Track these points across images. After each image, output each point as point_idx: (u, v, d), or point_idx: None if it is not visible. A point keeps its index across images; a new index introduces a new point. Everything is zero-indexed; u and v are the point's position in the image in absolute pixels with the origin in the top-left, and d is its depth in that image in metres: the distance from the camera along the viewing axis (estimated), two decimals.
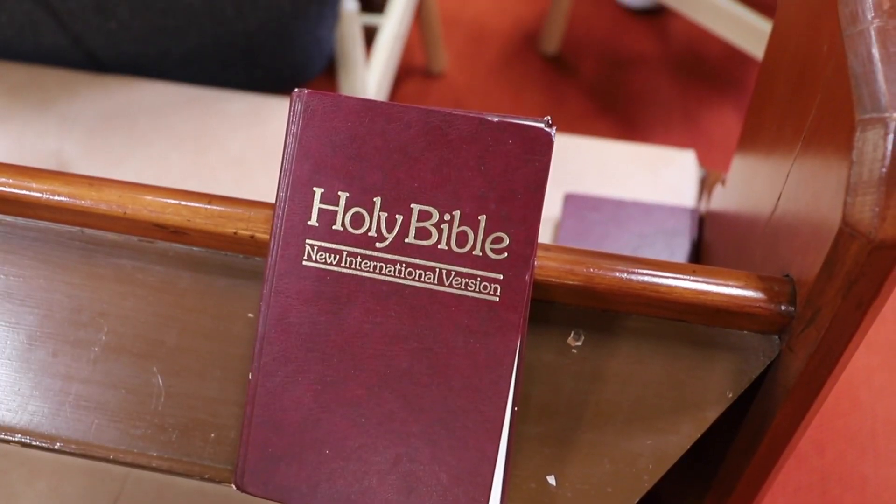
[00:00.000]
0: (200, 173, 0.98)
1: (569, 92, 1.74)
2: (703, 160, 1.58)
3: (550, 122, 0.44)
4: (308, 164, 0.45)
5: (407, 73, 1.77)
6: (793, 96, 0.55)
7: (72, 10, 0.97)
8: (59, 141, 1.02)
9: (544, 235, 0.90)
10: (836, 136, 0.43)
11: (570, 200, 0.89)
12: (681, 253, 0.85)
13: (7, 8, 0.98)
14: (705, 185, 0.95)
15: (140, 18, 0.99)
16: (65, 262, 0.54)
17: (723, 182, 0.80)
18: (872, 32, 0.42)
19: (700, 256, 0.87)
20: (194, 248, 0.52)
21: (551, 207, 0.90)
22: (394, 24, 1.36)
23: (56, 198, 0.52)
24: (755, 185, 0.67)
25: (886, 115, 0.39)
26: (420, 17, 1.64)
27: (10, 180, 0.52)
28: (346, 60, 1.16)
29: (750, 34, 1.44)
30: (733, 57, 1.79)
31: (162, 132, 1.02)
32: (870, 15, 0.43)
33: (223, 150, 1.00)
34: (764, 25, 1.42)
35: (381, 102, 0.44)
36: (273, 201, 0.46)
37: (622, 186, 0.94)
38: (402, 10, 1.39)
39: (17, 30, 1.03)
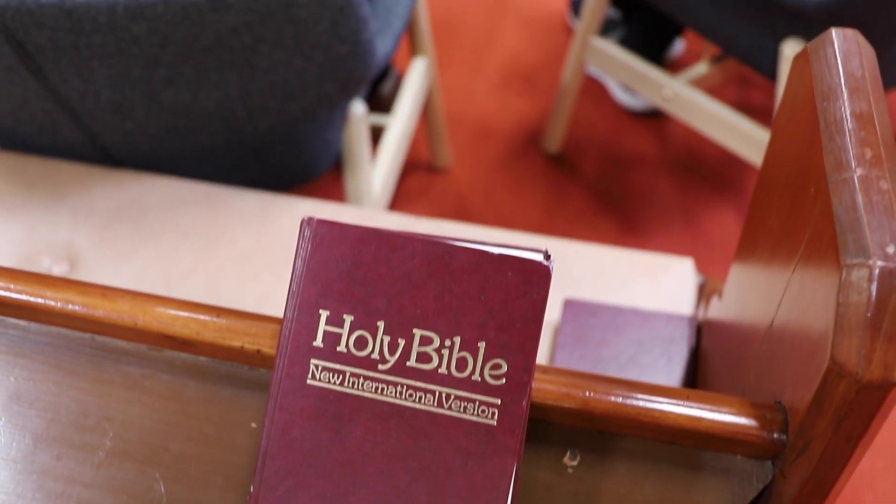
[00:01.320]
0: (207, 269, 1.00)
1: (570, 190, 1.78)
2: (701, 261, 1.61)
3: (548, 253, 0.46)
4: (315, 287, 0.46)
5: (412, 167, 1.81)
6: (785, 226, 0.57)
7: (91, 110, 1.00)
8: (71, 232, 1.04)
9: (544, 340, 0.91)
10: (823, 274, 0.45)
11: (570, 306, 0.91)
12: (678, 361, 0.87)
13: (29, 107, 1.02)
14: (703, 293, 0.97)
15: (155, 119, 1.02)
16: (74, 367, 0.56)
17: (719, 295, 0.82)
18: (856, 181, 0.44)
19: (697, 365, 0.88)
20: (201, 358, 0.54)
21: (551, 312, 0.91)
22: (401, 124, 1.40)
23: (70, 307, 0.53)
24: (750, 302, 0.69)
25: (870, 261, 0.41)
26: (426, 115, 1.69)
27: (26, 288, 0.54)
28: (352, 160, 1.19)
29: (747, 142, 1.48)
30: (731, 160, 1.84)
31: (171, 227, 1.04)
32: (853, 164, 0.45)
33: (230, 246, 1.02)
34: (761, 134, 1.46)
35: (386, 232, 0.46)
36: (277, 309, 0.48)
37: (621, 292, 0.96)
38: (409, 111, 1.43)
39: (37, 127, 1.07)
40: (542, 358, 0.90)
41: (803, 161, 0.54)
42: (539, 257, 0.45)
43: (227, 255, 1.01)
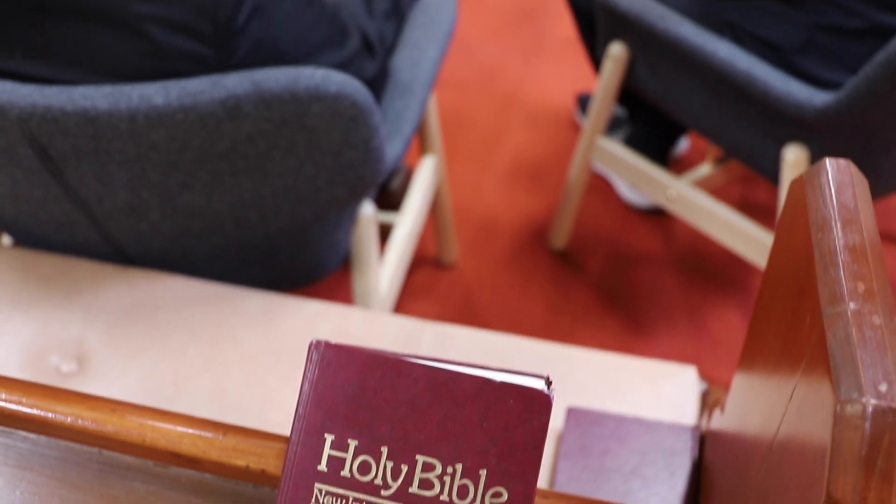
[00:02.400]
0: (214, 369, 1.01)
1: (575, 287, 1.79)
2: (705, 361, 1.61)
3: (549, 379, 0.47)
4: (321, 411, 0.47)
5: (419, 262, 1.83)
6: (783, 348, 0.58)
7: (107, 211, 1.03)
8: (82, 330, 1.06)
9: (547, 449, 0.91)
10: (820, 404, 0.46)
11: (573, 415, 0.91)
12: (681, 474, 0.86)
13: (48, 207, 1.05)
14: (706, 402, 0.97)
15: (170, 221, 1.05)
16: (80, 481, 0.56)
17: (721, 408, 0.82)
18: (850, 315, 0.45)
19: (700, 477, 0.88)
20: (207, 476, 0.54)
21: (554, 420, 0.92)
22: (409, 223, 1.42)
23: (80, 422, 0.54)
24: (751, 420, 0.69)
25: (864, 399, 0.42)
26: (434, 211, 1.71)
27: (38, 402, 0.55)
28: (360, 260, 1.21)
29: (751, 244, 1.50)
30: (736, 259, 1.85)
31: (180, 326, 1.05)
32: (847, 297, 0.46)
33: (237, 346, 1.03)
34: (765, 237, 1.48)
35: (392, 357, 0.47)
36: (282, 412, 0.49)
37: (624, 399, 0.97)
38: (417, 210, 1.46)
39: (54, 225, 1.09)
40: (545, 466, 0.90)
41: (800, 286, 0.55)
42: (540, 384, 0.46)
43: (234, 355, 1.02)
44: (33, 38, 0.91)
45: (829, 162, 0.58)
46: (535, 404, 0.46)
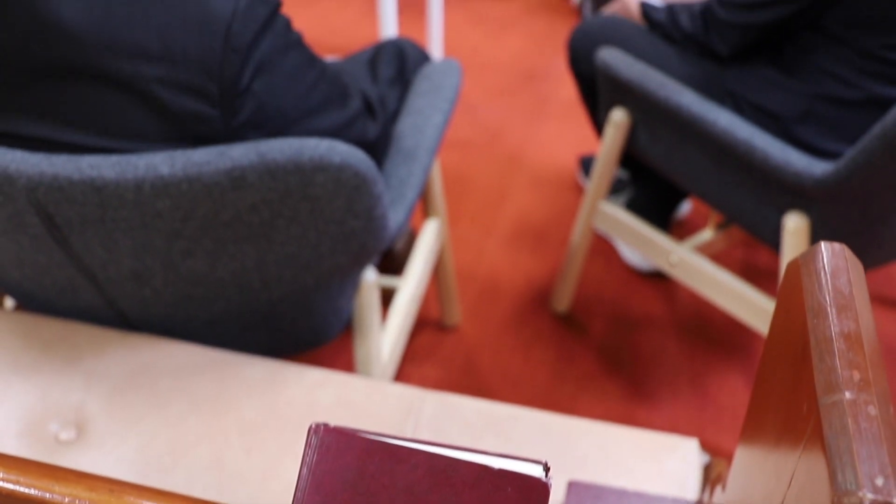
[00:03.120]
0: (214, 437, 1.01)
1: (578, 350, 1.79)
2: (708, 428, 1.60)
3: (547, 465, 0.47)
4: (319, 497, 0.47)
5: (421, 325, 1.83)
6: (782, 432, 0.58)
7: (111, 277, 1.04)
8: (82, 396, 1.06)
9: None
10: (818, 493, 0.46)
11: (574, 489, 0.90)
12: None
13: (52, 273, 1.05)
14: (708, 475, 0.96)
15: (173, 287, 1.05)
16: None
17: (723, 485, 0.82)
18: (845, 405, 0.45)
19: None
20: None
21: (555, 493, 0.91)
22: (411, 287, 1.43)
23: (77, 502, 0.54)
24: (752, 500, 0.69)
25: (861, 492, 0.42)
26: (437, 274, 1.72)
27: (35, 482, 0.55)
28: (361, 327, 1.21)
29: (753, 311, 1.50)
30: (739, 324, 1.85)
31: (181, 393, 1.05)
32: (842, 386, 0.46)
33: (238, 415, 1.03)
34: (767, 304, 1.48)
35: (391, 444, 0.47)
36: (281, 482, 0.49)
37: (625, 473, 0.96)
38: (420, 275, 1.47)
39: (57, 290, 1.10)
40: None
41: (797, 370, 0.55)
42: (538, 471, 0.46)
43: (235, 424, 1.02)
44: (41, 101, 0.93)
45: (824, 246, 0.58)
46: (533, 492, 0.46)
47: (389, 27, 2.30)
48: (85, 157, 0.93)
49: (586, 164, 2.33)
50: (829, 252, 0.58)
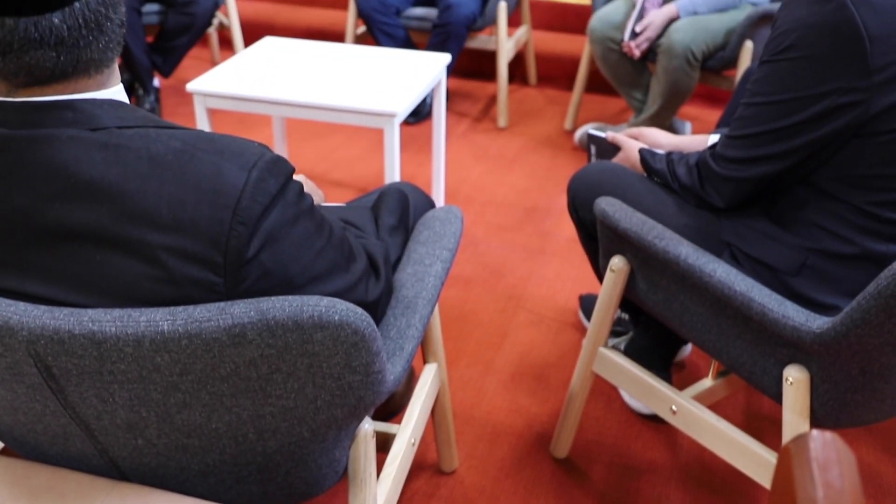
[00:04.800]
0: None
1: (578, 497, 1.75)
2: None
3: None
4: None
5: (418, 468, 1.80)
6: None
7: (105, 427, 1.03)
8: None
9: None
10: None
11: None
12: None
13: (45, 421, 1.05)
14: None
15: (166, 438, 1.05)
16: None
17: None
18: None
19: None
20: None
21: None
22: (408, 434, 1.42)
23: None
24: None
25: None
26: (434, 417, 1.70)
27: None
28: (356, 478, 1.20)
29: (754, 463, 1.48)
30: (742, 472, 1.82)
31: None
32: None
33: None
34: (768, 456, 1.46)
35: None
36: None
37: None
38: (417, 421, 1.45)
39: (49, 438, 1.09)
40: None
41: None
42: None
43: None
44: (47, 262, 0.95)
45: (815, 436, 0.58)
46: None
47: (394, 162, 2.36)
48: (87, 311, 0.94)
49: (587, 303, 2.34)
50: (820, 442, 0.58)
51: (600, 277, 1.77)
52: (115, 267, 0.94)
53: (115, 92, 0.99)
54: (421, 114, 3.59)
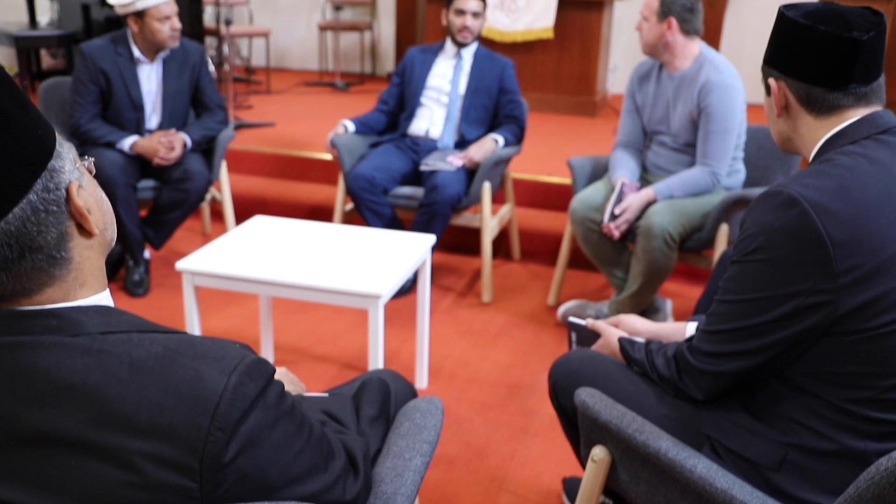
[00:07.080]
0: None
1: None
2: None
3: None
4: None
5: None
6: None
7: None
8: None
9: None
10: None
11: None
12: None
13: None
14: None
15: None
16: None
17: None
18: None
19: None
20: None
21: None
22: None
23: None
24: None
25: None
26: None
27: None
28: None
29: None
30: None
31: None
32: None
33: None
34: None
35: None
36: None
37: None
38: None
39: None
40: None
41: None
42: None
43: None
44: (20, 467, 0.94)
45: None
46: None
47: (378, 342, 2.38)
48: None
49: (570, 487, 2.30)
50: None
51: (582, 463, 1.76)
52: (90, 472, 0.93)
53: (102, 298, 1.02)
54: (405, 288, 3.64)
